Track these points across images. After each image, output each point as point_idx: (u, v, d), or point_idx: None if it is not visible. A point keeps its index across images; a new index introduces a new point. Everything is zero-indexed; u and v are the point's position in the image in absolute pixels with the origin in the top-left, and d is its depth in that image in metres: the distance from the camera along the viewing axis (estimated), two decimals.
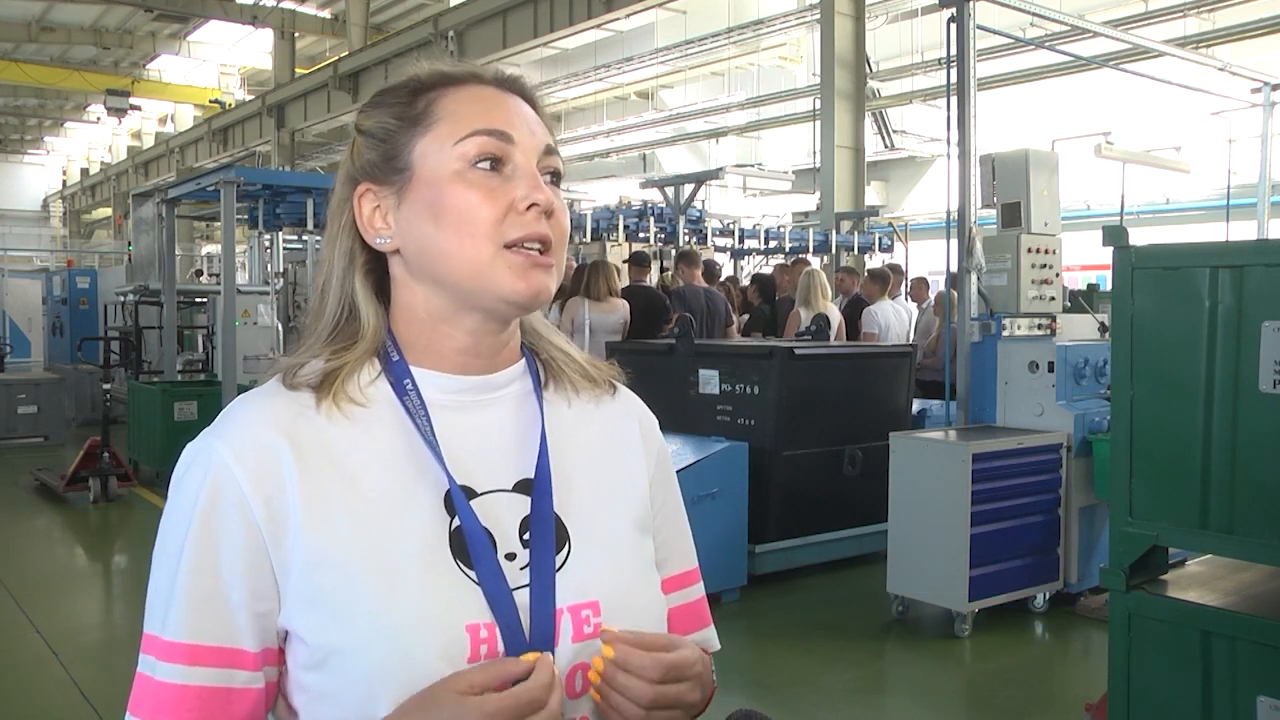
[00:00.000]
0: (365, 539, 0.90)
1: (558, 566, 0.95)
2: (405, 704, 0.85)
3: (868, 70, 14.12)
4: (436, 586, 0.90)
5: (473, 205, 0.93)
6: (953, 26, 5.66)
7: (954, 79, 5.70)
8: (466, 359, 0.99)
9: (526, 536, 0.95)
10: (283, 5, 23.35)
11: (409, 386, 0.97)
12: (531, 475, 0.98)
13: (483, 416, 0.99)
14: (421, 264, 0.97)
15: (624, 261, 8.82)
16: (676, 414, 5.89)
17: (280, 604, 0.91)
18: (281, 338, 8.34)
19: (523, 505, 0.97)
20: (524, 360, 1.05)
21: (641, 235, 10.88)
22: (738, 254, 12.86)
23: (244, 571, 0.90)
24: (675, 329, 6.52)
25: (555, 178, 0.99)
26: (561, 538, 0.97)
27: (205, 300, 13.27)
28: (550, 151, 0.98)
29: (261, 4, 22.71)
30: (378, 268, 1.01)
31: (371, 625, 0.87)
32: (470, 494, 0.95)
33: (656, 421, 1.15)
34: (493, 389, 1.01)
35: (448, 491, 0.94)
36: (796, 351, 5.83)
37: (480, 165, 0.94)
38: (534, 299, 0.95)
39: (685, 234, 11.12)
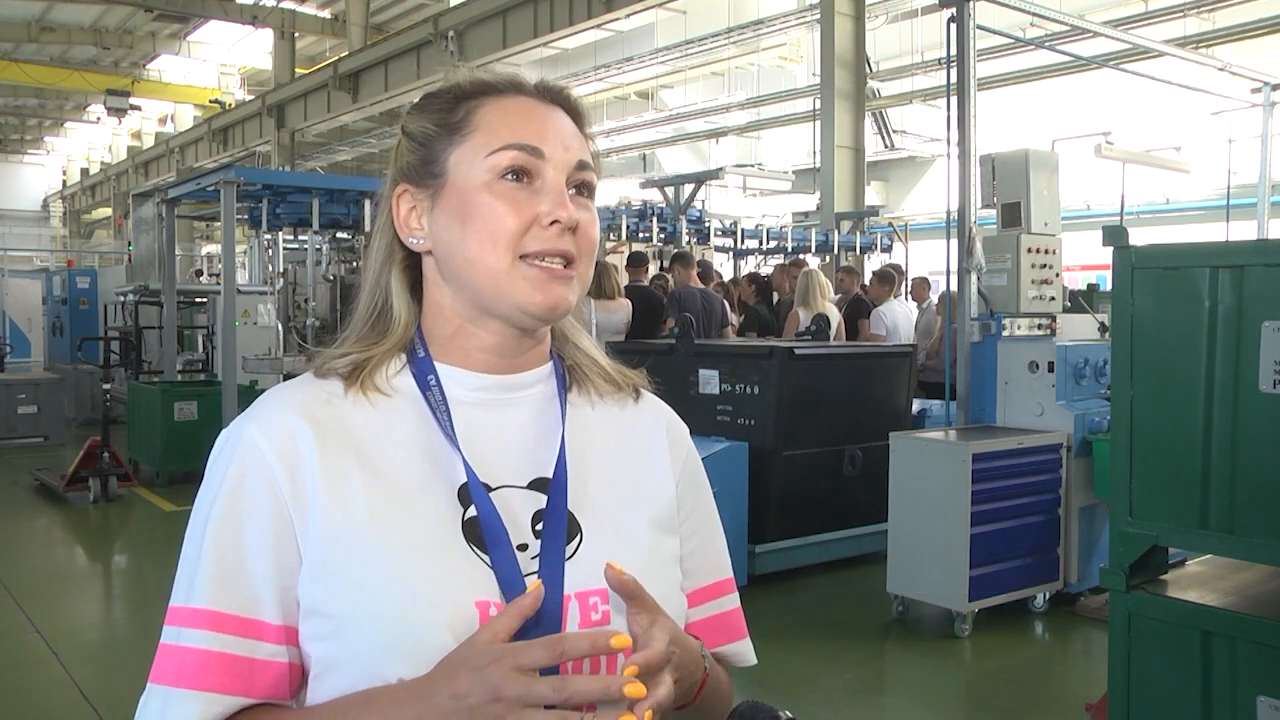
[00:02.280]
0: (380, 517, 0.93)
1: (568, 556, 0.96)
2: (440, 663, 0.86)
3: (868, 70, 14.11)
4: (448, 564, 0.92)
5: (498, 215, 0.96)
6: (953, 26, 5.66)
7: (954, 79, 5.70)
8: (491, 358, 1.02)
9: (539, 528, 0.97)
10: (283, 5, 23.34)
11: (433, 382, 1.00)
12: (548, 475, 1.00)
13: (504, 415, 1.02)
14: (448, 268, 1.00)
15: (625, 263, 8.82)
16: (677, 414, 5.88)
17: (299, 577, 0.93)
18: (281, 338, 8.32)
19: (536, 501, 0.99)
20: (551, 363, 1.07)
21: (642, 235, 10.87)
22: (739, 254, 12.85)
23: (272, 545, 0.92)
24: (675, 329, 6.52)
25: (587, 190, 1.01)
26: (573, 530, 0.98)
27: (205, 300, 13.27)
28: (583, 166, 1.01)
29: (261, 4, 22.69)
30: (414, 264, 1.05)
31: (382, 596, 0.90)
32: (485, 488, 0.97)
33: (687, 430, 1.17)
34: (516, 389, 1.03)
35: (463, 484, 0.96)
36: (796, 351, 5.83)
37: (508, 177, 0.97)
38: (551, 311, 0.98)
39: (687, 234, 11.10)
